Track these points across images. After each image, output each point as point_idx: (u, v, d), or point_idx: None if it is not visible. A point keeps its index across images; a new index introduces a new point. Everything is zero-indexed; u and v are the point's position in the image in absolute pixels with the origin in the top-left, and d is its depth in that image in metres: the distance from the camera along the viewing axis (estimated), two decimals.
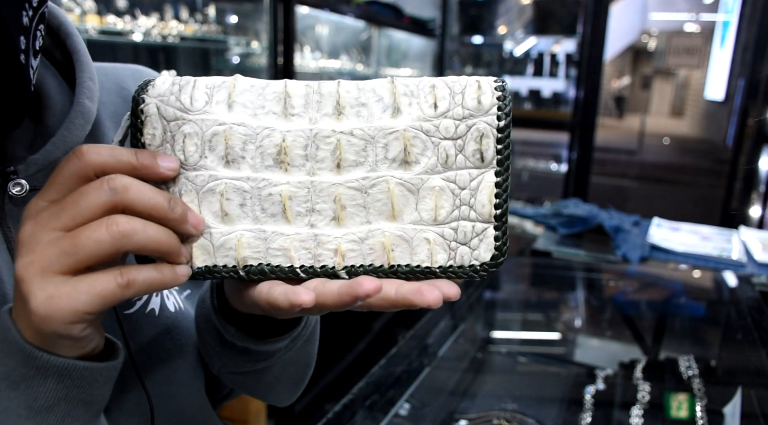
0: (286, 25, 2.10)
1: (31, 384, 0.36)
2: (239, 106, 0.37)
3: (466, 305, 1.43)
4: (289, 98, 0.37)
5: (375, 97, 0.37)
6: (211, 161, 0.37)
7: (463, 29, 3.98)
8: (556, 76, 4.39)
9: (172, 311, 0.54)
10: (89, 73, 0.48)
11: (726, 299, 1.52)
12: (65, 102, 0.49)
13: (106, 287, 0.34)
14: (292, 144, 0.37)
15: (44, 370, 0.36)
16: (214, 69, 2.38)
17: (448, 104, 0.37)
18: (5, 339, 0.36)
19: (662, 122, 13.47)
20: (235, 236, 0.37)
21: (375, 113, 0.37)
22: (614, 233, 1.80)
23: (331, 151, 0.37)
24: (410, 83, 0.38)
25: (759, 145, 2.88)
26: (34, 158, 0.44)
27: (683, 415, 1.01)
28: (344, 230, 0.38)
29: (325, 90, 0.37)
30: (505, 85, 0.38)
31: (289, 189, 0.37)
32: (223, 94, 0.37)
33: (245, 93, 0.37)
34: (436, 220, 0.38)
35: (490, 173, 0.37)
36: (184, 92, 0.37)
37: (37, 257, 0.34)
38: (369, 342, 3.00)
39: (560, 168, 3.76)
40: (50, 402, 0.37)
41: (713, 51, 7.28)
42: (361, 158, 0.37)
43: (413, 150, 0.37)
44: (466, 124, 0.37)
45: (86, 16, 1.69)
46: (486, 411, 1.01)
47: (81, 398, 0.38)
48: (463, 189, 0.37)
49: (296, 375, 0.59)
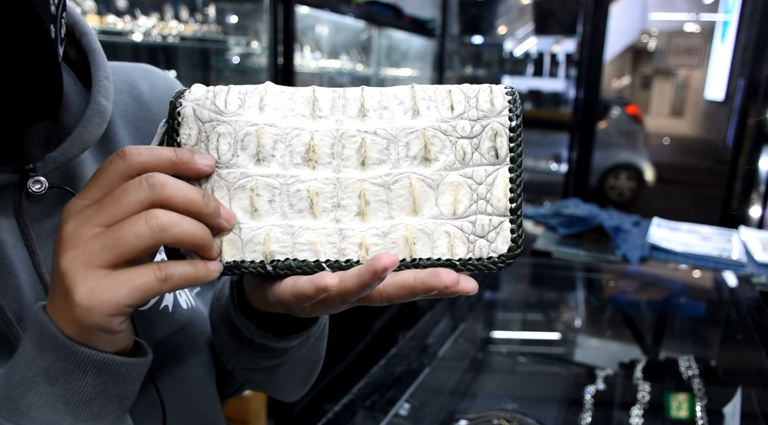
0: (286, 25, 2.10)
1: (69, 379, 0.37)
2: (270, 108, 0.40)
3: (466, 305, 1.43)
4: (316, 102, 0.40)
5: (396, 100, 0.40)
6: (243, 159, 0.39)
7: (463, 29, 3.98)
8: (556, 76, 4.39)
9: (185, 309, 0.55)
10: (105, 72, 0.48)
11: (726, 299, 1.52)
12: (81, 101, 0.50)
13: (146, 280, 0.35)
14: (319, 143, 0.39)
15: (84, 365, 0.37)
16: (214, 69, 2.38)
17: (464, 107, 0.40)
18: (42, 335, 0.36)
19: (662, 122, 13.47)
20: (264, 231, 0.39)
21: (396, 114, 0.40)
22: (614, 233, 1.80)
23: (356, 149, 0.39)
24: (428, 89, 0.40)
25: (759, 145, 2.88)
26: (51, 156, 0.44)
27: (683, 415, 1.01)
28: (368, 225, 0.40)
29: (350, 95, 0.40)
30: (515, 90, 0.41)
31: (316, 185, 0.39)
32: (255, 99, 0.40)
33: (276, 98, 0.40)
34: (455, 214, 0.40)
35: (504, 169, 0.40)
36: (218, 97, 0.40)
37: (80, 252, 0.35)
38: (369, 342, 3.00)
39: (560, 168, 3.76)
40: (87, 397, 0.37)
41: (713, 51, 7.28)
42: (384, 156, 0.39)
43: (433, 148, 0.39)
44: (481, 124, 0.40)
45: (86, 16, 1.69)
46: (486, 411, 1.01)
47: (116, 393, 0.39)
48: (479, 184, 0.40)
49: (307, 371, 0.60)
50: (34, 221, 0.45)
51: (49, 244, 0.45)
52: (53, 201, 0.46)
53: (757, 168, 2.88)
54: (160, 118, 0.57)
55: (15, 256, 0.44)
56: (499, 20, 4.06)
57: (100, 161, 0.51)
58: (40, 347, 0.37)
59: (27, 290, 0.44)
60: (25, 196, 0.44)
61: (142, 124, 0.55)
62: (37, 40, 0.38)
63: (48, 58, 0.39)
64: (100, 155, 0.52)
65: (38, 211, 0.46)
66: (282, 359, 0.52)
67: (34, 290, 0.44)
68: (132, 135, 0.54)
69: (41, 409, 0.36)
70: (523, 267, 1.82)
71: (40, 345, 0.37)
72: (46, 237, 0.46)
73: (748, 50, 3.03)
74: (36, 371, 0.37)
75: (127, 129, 0.54)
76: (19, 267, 0.44)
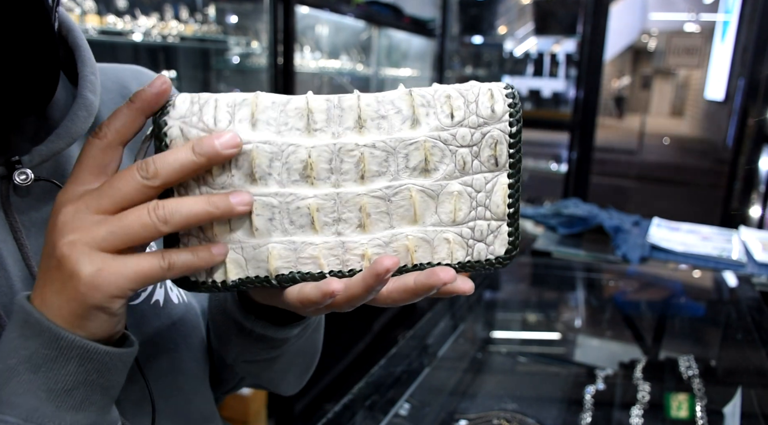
0: (286, 25, 2.10)
1: (52, 367, 0.37)
2: (263, 123, 0.37)
3: (466, 305, 1.43)
4: (311, 114, 0.38)
5: (394, 109, 0.39)
6: (238, 178, 0.38)
7: (463, 29, 3.98)
8: (556, 76, 4.39)
9: (176, 303, 0.55)
10: (91, 67, 0.49)
11: (726, 299, 1.52)
12: (68, 96, 0.50)
13: (151, 267, 0.36)
14: (317, 159, 0.38)
15: (67, 351, 0.37)
16: (214, 69, 2.38)
17: (464, 113, 0.39)
18: (26, 322, 0.37)
19: (662, 122, 13.48)
20: (267, 249, 0.39)
21: (395, 124, 0.39)
22: (614, 233, 1.80)
23: (355, 163, 0.38)
24: (426, 94, 0.39)
25: (759, 145, 2.88)
26: (38, 149, 0.45)
27: (683, 415, 1.01)
28: (369, 236, 0.40)
29: (345, 104, 0.38)
30: (515, 91, 0.40)
31: (316, 202, 0.39)
32: (246, 113, 0.37)
33: (267, 110, 0.37)
34: (455, 221, 0.40)
35: (503, 175, 0.40)
36: (206, 112, 0.37)
37: (83, 235, 0.36)
38: (369, 342, 3.00)
39: (560, 168, 3.76)
40: (70, 386, 0.37)
41: (713, 51, 7.29)
42: (384, 168, 0.39)
43: (432, 159, 0.39)
44: (481, 132, 0.39)
45: (86, 16, 1.69)
46: (486, 411, 1.01)
47: (100, 383, 0.39)
48: (479, 192, 0.40)
49: (305, 362, 0.62)
50: (22, 214, 0.46)
51: (38, 236, 0.46)
52: (41, 194, 0.47)
53: (757, 168, 2.88)
54: None
55: (4, 249, 0.44)
56: (499, 20, 4.06)
57: None
58: (24, 335, 0.37)
59: (17, 283, 0.44)
60: (12, 189, 0.45)
61: None
62: (40, 30, 0.39)
63: (49, 47, 0.40)
64: None
65: (25, 204, 0.46)
66: (282, 349, 0.54)
67: (24, 283, 0.45)
68: None
69: (23, 397, 0.36)
70: (523, 267, 1.82)
71: (24, 333, 0.37)
72: (34, 229, 0.46)
73: (748, 50, 3.03)
74: (19, 359, 0.37)
75: None
76: (8, 260, 0.44)
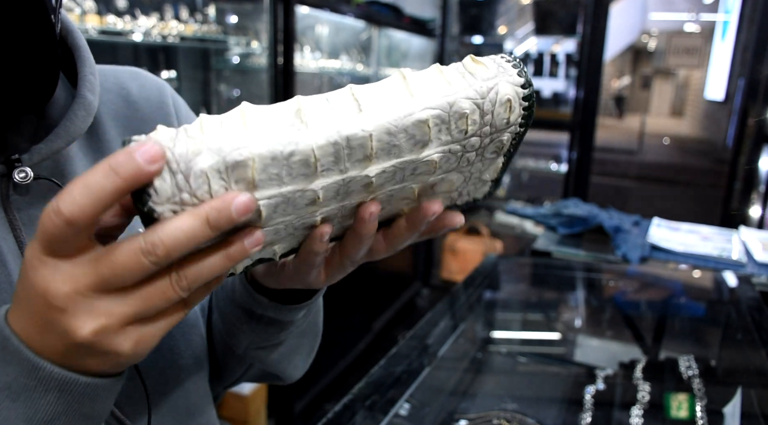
0: (286, 25, 2.10)
1: (31, 396, 0.35)
2: (264, 182, 0.33)
3: (466, 305, 1.43)
4: (318, 162, 0.34)
5: (406, 136, 0.36)
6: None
7: (463, 29, 3.97)
8: (556, 76, 4.39)
9: None
10: (90, 67, 0.49)
11: (726, 299, 1.52)
12: (67, 96, 0.51)
13: (179, 318, 0.37)
14: (325, 195, 0.36)
15: (46, 382, 0.35)
16: (214, 69, 2.38)
17: (478, 127, 0.37)
18: (4, 347, 0.35)
19: (662, 122, 13.48)
20: (272, 249, 0.41)
21: (405, 148, 0.36)
22: (614, 233, 1.80)
23: (363, 186, 0.38)
24: (442, 112, 0.36)
25: (759, 145, 2.88)
26: (38, 148, 0.45)
27: (683, 415, 1.01)
28: None
29: (355, 143, 0.35)
30: (532, 91, 0.38)
31: (322, 216, 0.39)
32: (243, 183, 0.33)
33: (268, 168, 0.33)
34: (447, 192, 0.43)
35: (500, 159, 0.43)
36: (197, 187, 0.32)
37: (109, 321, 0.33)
38: (369, 342, 3.00)
39: (560, 168, 3.76)
40: (50, 416, 0.36)
41: (713, 51, 7.29)
42: (390, 179, 0.38)
43: (440, 168, 0.40)
44: (491, 138, 0.39)
45: (86, 16, 1.69)
46: (486, 411, 1.01)
47: (82, 412, 0.37)
48: (473, 173, 0.43)
49: (310, 344, 0.66)
50: (21, 212, 0.46)
51: None
52: (40, 193, 0.47)
53: (757, 168, 2.88)
54: (149, 117, 0.58)
55: (4, 246, 0.44)
56: (499, 20, 4.05)
57: (90, 158, 0.52)
58: (5, 360, 0.35)
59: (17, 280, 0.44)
60: (12, 187, 0.45)
61: (131, 123, 0.56)
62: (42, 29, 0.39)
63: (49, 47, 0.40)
64: (90, 153, 0.53)
65: (25, 202, 0.46)
66: (289, 331, 0.56)
67: None
68: (121, 134, 0.56)
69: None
70: (523, 267, 1.82)
71: (5, 357, 0.35)
72: (33, 227, 0.46)
73: (748, 50, 3.03)
74: None
75: (117, 129, 0.55)
76: (8, 257, 0.44)
